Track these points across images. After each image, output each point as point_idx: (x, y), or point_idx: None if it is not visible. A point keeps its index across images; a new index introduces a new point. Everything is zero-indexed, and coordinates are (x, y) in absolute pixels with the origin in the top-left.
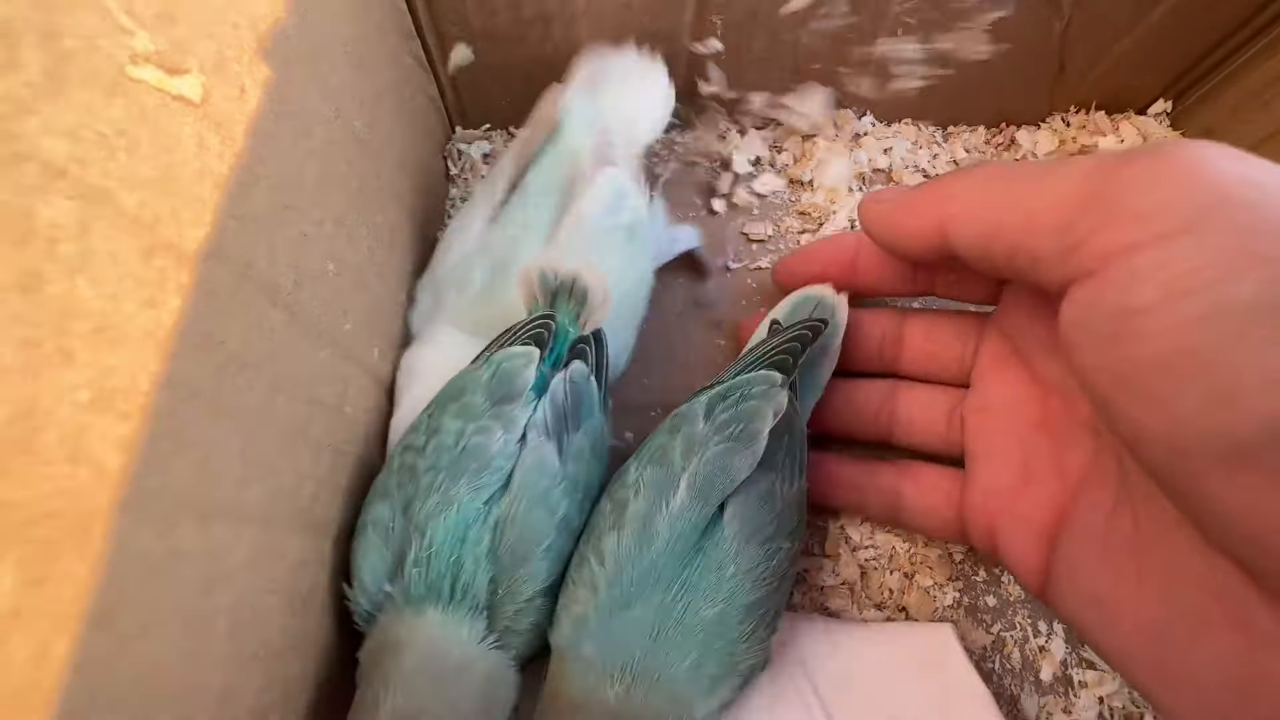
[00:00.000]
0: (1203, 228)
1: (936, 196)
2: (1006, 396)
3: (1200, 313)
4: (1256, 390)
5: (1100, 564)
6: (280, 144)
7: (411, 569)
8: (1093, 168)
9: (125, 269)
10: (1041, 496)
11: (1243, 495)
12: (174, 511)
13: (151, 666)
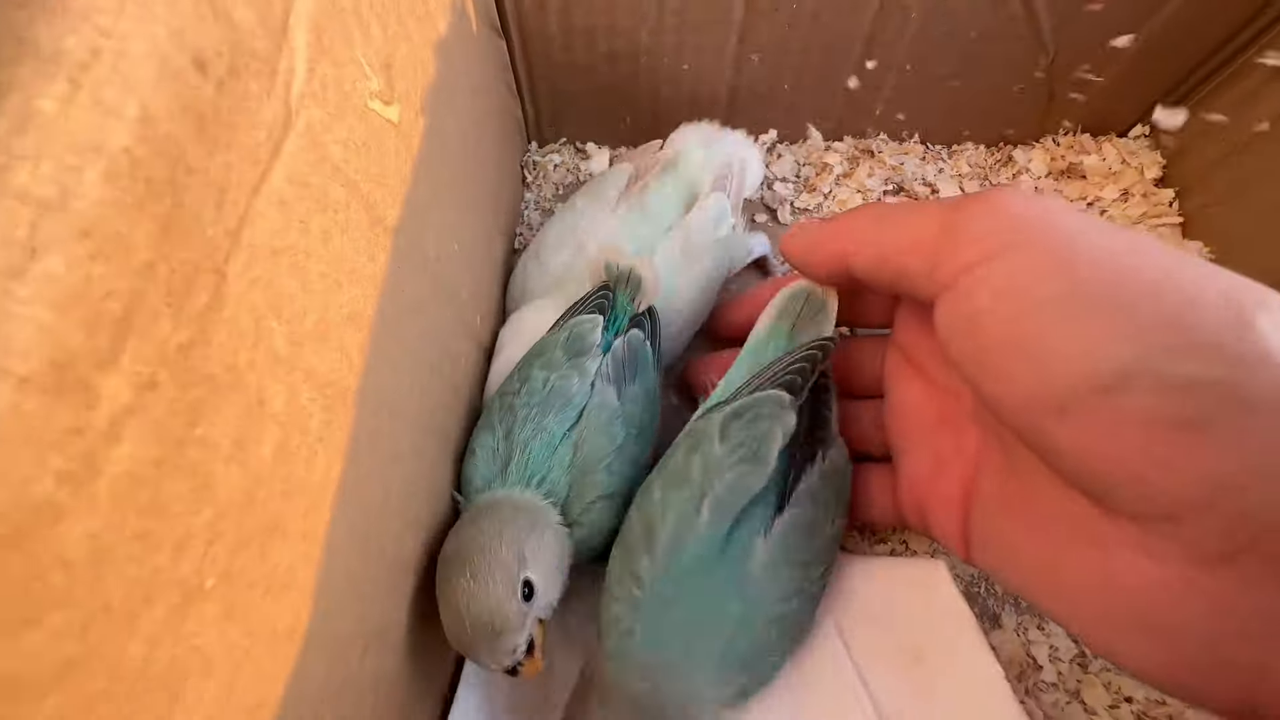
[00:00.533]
0: (1014, 249)
1: (838, 233)
2: (910, 400)
3: (1018, 309)
4: (1062, 360)
5: (1002, 521)
6: (432, 153)
7: (512, 472)
8: (943, 209)
9: (361, 233)
10: (951, 477)
11: (1070, 437)
12: (377, 401)
13: (373, 500)
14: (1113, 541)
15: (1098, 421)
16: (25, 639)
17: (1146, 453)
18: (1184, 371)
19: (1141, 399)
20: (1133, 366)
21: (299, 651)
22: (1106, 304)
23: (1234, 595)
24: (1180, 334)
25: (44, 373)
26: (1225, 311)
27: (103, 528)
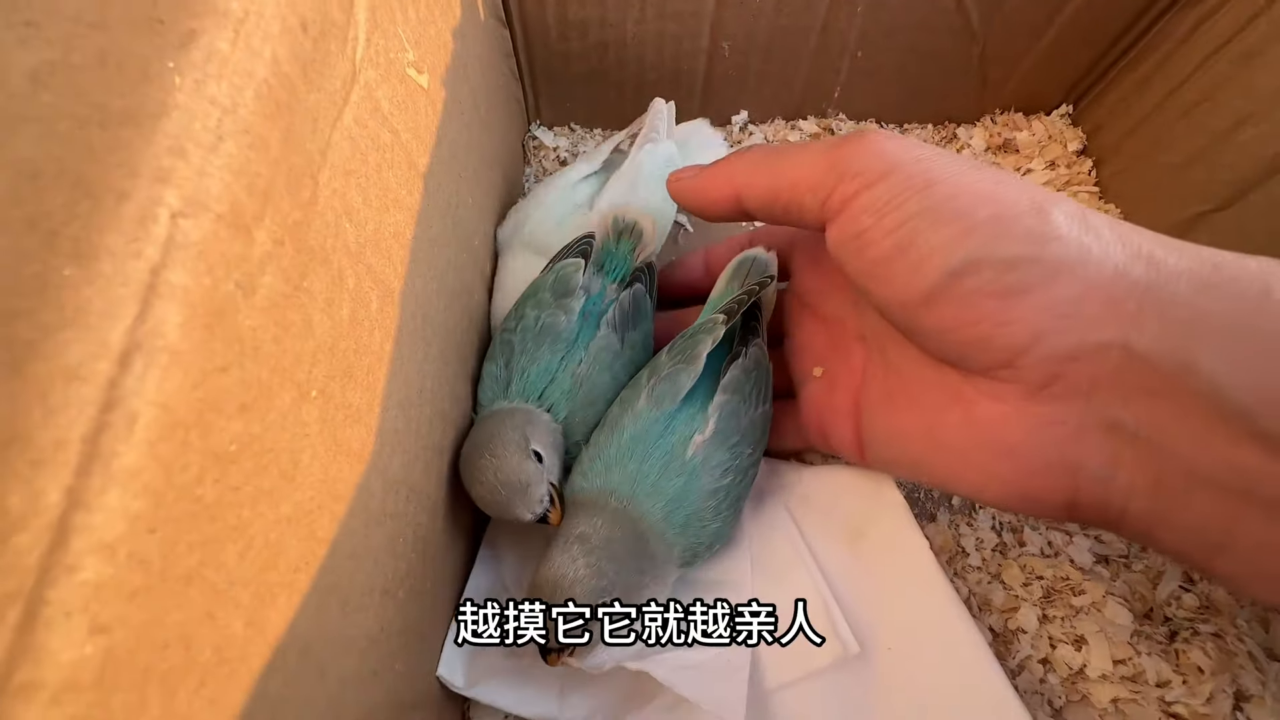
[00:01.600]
0: (886, 178)
1: (730, 172)
2: (805, 336)
3: (892, 224)
4: (926, 258)
5: (886, 414)
6: (451, 117)
7: (513, 393)
8: (825, 150)
9: (401, 172)
10: (843, 391)
11: (937, 318)
12: (414, 305)
13: (412, 384)
14: (970, 395)
15: (954, 301)
16: (220, 380)
17: (988, 317)
18: (1007, 253)
19: (981, 277)
20: (974, 254)
21: (364, 470)
22: (954, 213)
23: (1051, 412)
24: (1003, 228)
25: (228, 215)
26: (1032, 210)
27: (257, 325)
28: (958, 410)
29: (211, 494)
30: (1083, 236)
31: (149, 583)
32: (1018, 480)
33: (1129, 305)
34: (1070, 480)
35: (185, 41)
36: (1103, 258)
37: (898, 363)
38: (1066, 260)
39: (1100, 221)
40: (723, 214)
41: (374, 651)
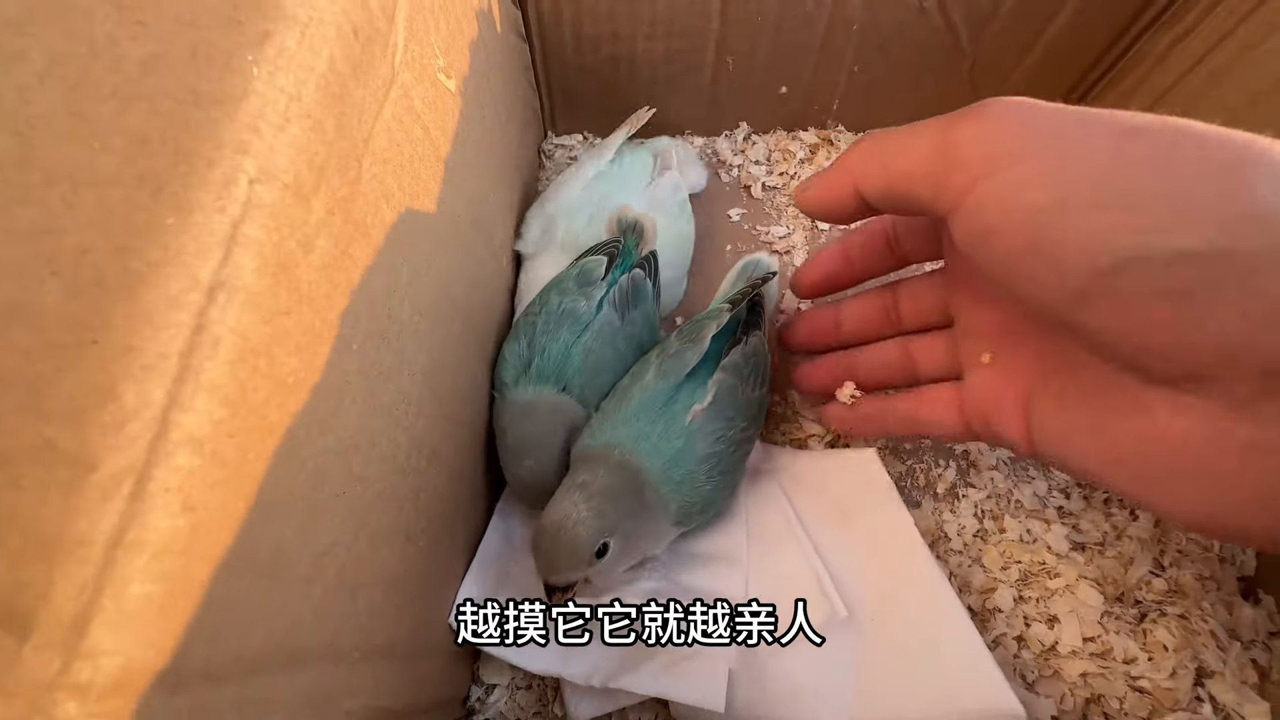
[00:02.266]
0: (1006, 166)
1: (843, 170)
2: (975, 321)
3: (1021, 219)
4: (1068, 256)
5: (1059, 412)
6: (475, 120)
7: (535, 370)
8: (933, 131)
9: (431, 164)
10: (1015, 381)
11: (1095, 320)
12: (440, 282)
13: (434, 352)
14: (1152, 404)
15: (1111, 304)
16: (283, 322)
17: (1162, 324)
18: (1174, 246)
19: (1144, 276)
20: (1127, 251)
21: (393, 425)
22: (1109, 195)
23: (1259, 436)
24: (1171, 211)
25: (293, 184)
26: (1221, 180)
27: (313, 280)
28: (1138, 420)
29: (275, 415)
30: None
31: (226, 477)
32: (1208, 511)
33: None
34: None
35: (261, 40)
36: None
37: (1072, 358)
38: (1271, 249)
39: None
40: (852, 214)
41: (397, 589)
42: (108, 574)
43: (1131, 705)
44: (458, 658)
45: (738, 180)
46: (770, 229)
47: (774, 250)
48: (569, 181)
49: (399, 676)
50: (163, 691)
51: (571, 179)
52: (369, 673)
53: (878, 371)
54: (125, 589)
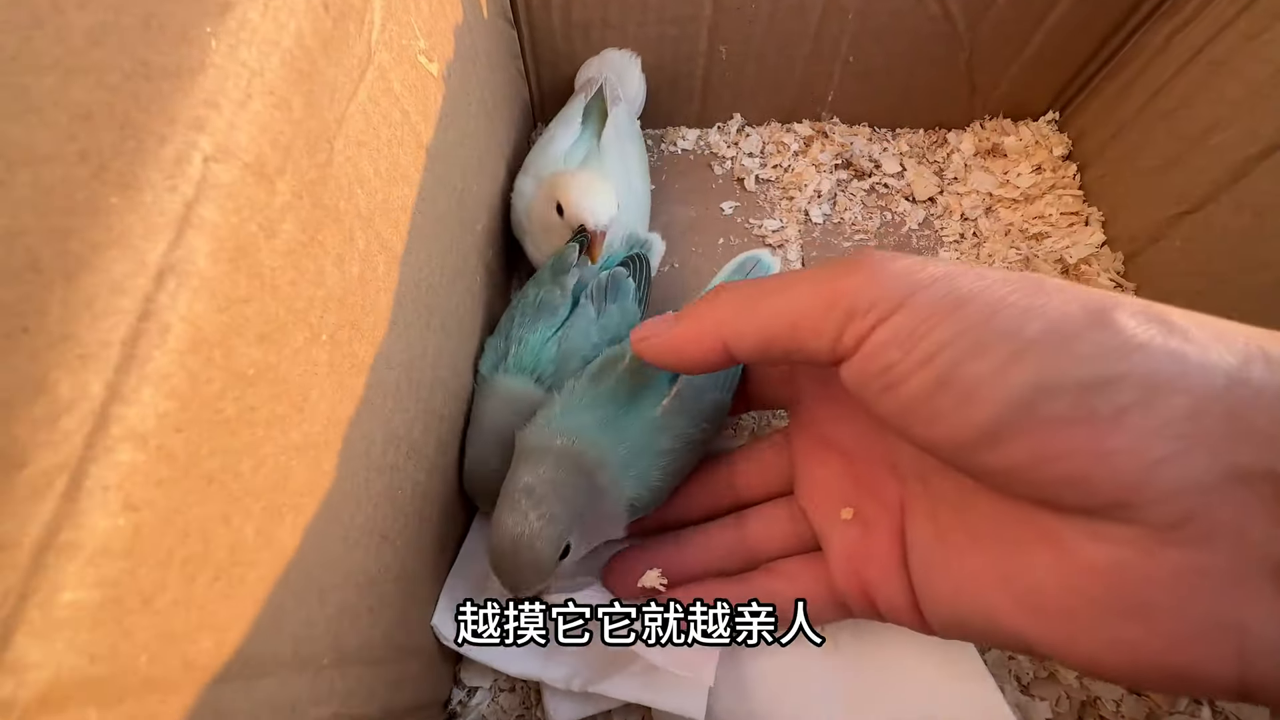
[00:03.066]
0: (906, 305)
1: (713, 320)
2: (824, 474)
3: (926, 354)
4: (979, 389)
5: (943, 557)
6: (458, 106)
7: (511, 361)
8: (820, 281)
9: (410, 150)
10: (882, 535)
11: (1008, 459)
12: (418, 275)
13: (414, 348)
14: (1066, 537)
15: (1029, 435)
16: (242, 309)
17: (1080, 449)
18: (1083, 374)
19: (1059, 404)
20: (1042, 379)
21: (368, 419)
22: (998, 334)
23: (1192, 559)
24: (1066, 344)
25: (253, 163)
26: (1090, 319)
27: (276, 266)
28: (1049, 554)
29: (231, 409)
30: (1168, 341)
31: (174, 475)
32: (1157, 651)
33: (1260, 420)
34: (1233, 649)
35: (221, 10)
36: (1205, 363)
37: (947, 493)
38: (1161, 371)
39: (1181, 319)
40: (710, 367)
41: (372, 590)
42: (35, 580)
43: (1129, 709)
44: (438, 660)
45: (731, 173)
46: (764, 222)
47: (767, 243)
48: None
49: (374, 681)
50: (98, 705)
51: (546, 151)
52: (339, 679)
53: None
54: (55, 595)
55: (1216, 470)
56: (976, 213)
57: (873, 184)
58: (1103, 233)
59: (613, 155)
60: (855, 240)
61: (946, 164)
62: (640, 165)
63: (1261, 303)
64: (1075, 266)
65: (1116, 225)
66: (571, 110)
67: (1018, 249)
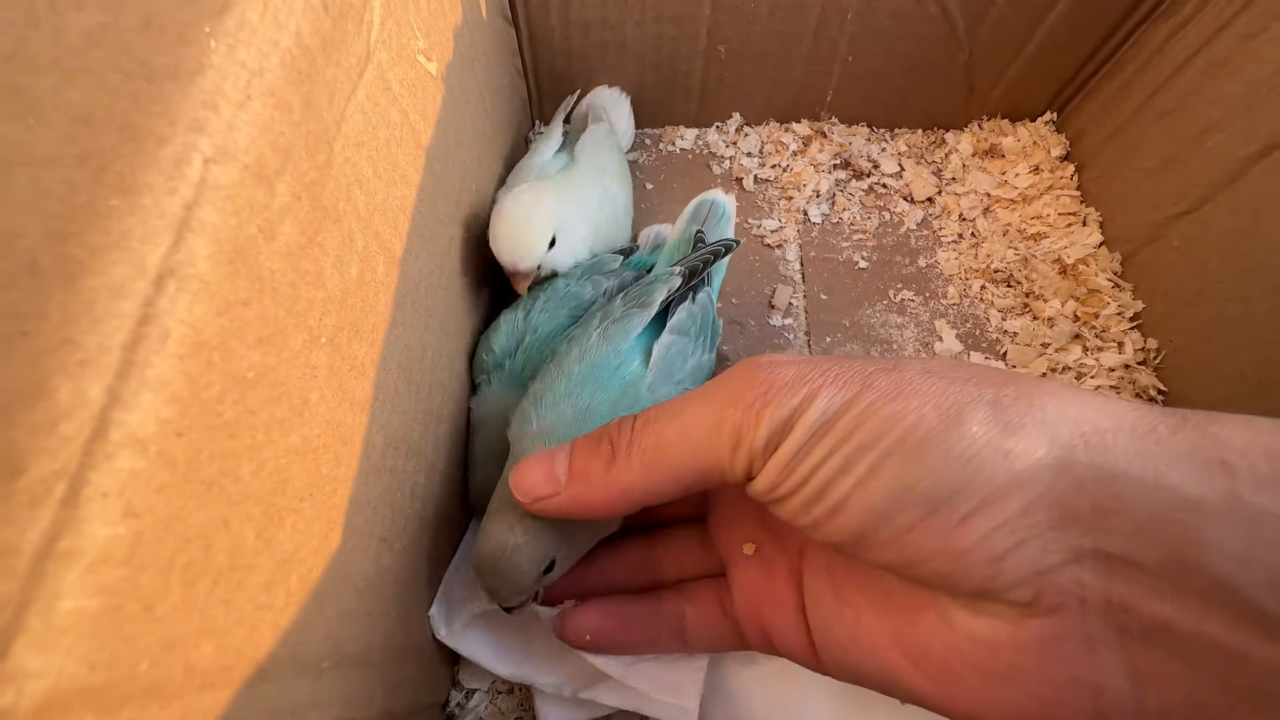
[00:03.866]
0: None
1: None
2: (731, 510)
3: (803, 475)
4: (845, 502)
5: (837, 611)
6: (458, 106)
7: (520, 356)
8: (713, 422)
9: (409, 150)
10: (781, 576)
11: (881, 558)
12: (417, 276)
13: (414, 349)
14: (948, 607)
15: (893, 542)
16: (242, 312)
17: (937, 553)
18: (931, 486)
19: (912, 514)
20: (894, 492)
21: (367, 421)
22: (860, 448)
23: (1050, 626)
24: (917, 456)
25: (253, 165)
26: (942, 425)
27: (276, 268)
28: (934, 621)
29: (231, 413)
30: (1004, 441)
31: (175, 480)
32: (1029, 711)
33: (1082, 505)
34: (1094, 706)
35: (220, 10)
36: (1032, 463)
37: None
38: (996, 477)
39: (1023, 410)
40: (612, 515)
41: (370, 594)
42: (35, 588)
43: None
44: (437, 662)
45: (729, 172)
46: (762, 222)
47: (766, 243)
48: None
49: (373, 684)
50: (98, 713)
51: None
52: (339, 682)
53: (623, 562)
54: (55, 604)
55: (1051, 555)
56: (975, 213)
57: (871, 184)
58: (1100, 233)
59: (586, 166)
60: (854, 240)
61: (945, 164)
62: (619, 175)
63: (1258, 304)
64: (1073, 267)
65: (1114, 225)
66: (551, 127)
67: (1016, 249)
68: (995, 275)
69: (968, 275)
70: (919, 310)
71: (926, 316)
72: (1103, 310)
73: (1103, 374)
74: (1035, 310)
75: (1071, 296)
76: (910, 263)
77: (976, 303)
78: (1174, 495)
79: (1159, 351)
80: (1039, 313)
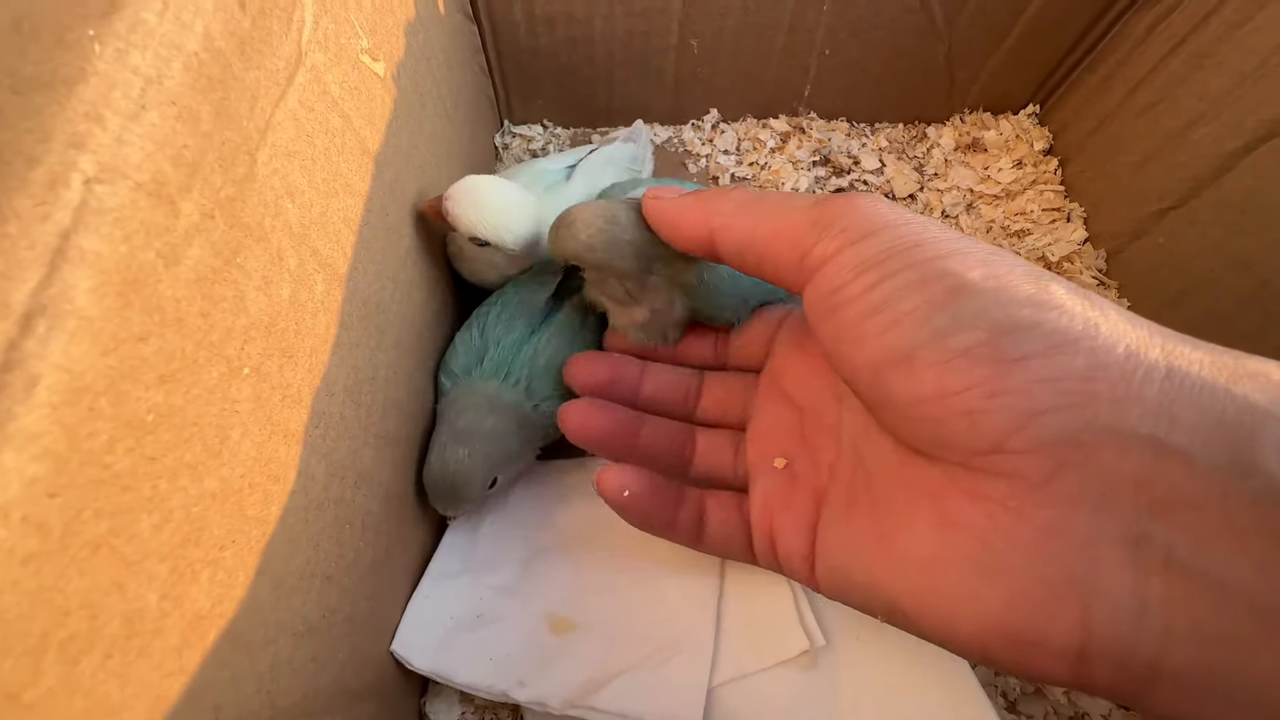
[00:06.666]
0: (870, 236)
1: (708, 208)
2: (771, 421)
3: (872, 281)
4: (908, 314)
5: (844, 520)
6: (411, 108)
7: (487, 363)
8: (810, 206)
9: (353, 158)
10: (805, 490)
11: (912, 386)
12: (366, 292)
13: (363, 370)
14: (947, 494)
15: (937, 363)
16: (137, 349)
17: (977, 384)
18: (1002, 316)
19: (971, 337)
20: (964, 313)
21: (304, 453)
22: (941, 272)
23: (1055, 517)
24: (998, 290)
25: (149, 184)
26: (1029, 278)
27: (181, 296)
28: (928, 510)
29: (124, 463)
30: (1088, 310)
31: (48, 548)
32: (1004, 610)
33: (1150, 390)
34: (1080, 611)
35: (108, 11)
36: (1113, 335)
37: (870, 459)
38: (1071, 331)
39: (1105, 302)
40: (692, 248)
41: (313, 638)
42: None
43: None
44: (399, 696)
45: (706, 170)
46: None
47: None
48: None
49: None
50: None
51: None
52: None
53: (659, 441)
54: None
55: (1096, 430)
56: (958, 209)
57: (851, 181)
58: (1085, 229)
59: (584, 179)
60: None
61: (926, 159)
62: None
63: (1245, 302)
64: (1057, 264)
65: (1099, 221)
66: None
67: (999, 246)
68: None
69: None
70: None
71: None
72: None
73: None
74: None
75: None
76: None
77: None
78: (1241, 401)
79: None
80: None
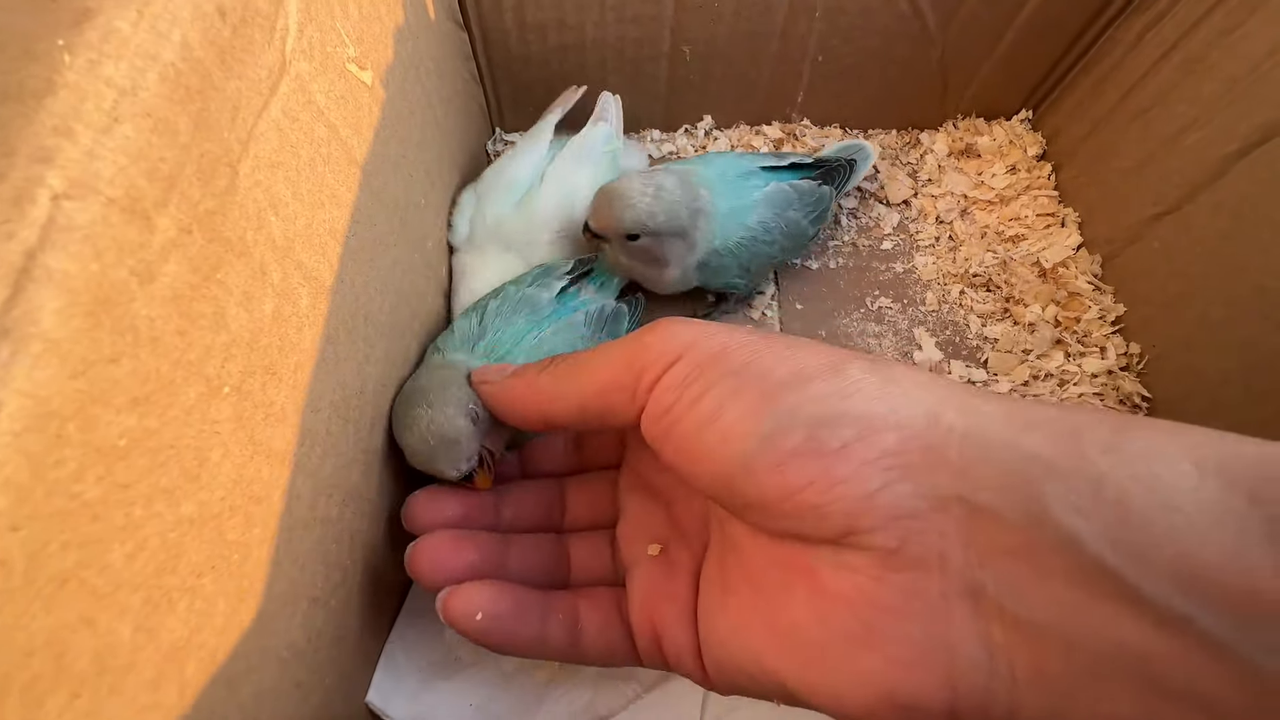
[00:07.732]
0: (685, 357)
1: (532, 389)
2: (640, 512)
3: (696, 394)
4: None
5: (721, 604)
6: (400, 116)
7: (482, 346)
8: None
9: (340, 167)
10: (682, 577)
11: (757, 488)
12: (354, 304)
13: (350, 385)
14: (818, 568)
15: (774, 467)
16: (108, 371)
17: (815, 480)
18: (815, 411)
19: (795, 438)
20: (782, 416)
21: (289, 473)
22: (754, 376)
23: (910, 580)
24: (804, 386)
25: (122, 199)
26: (828, 367)
27: (156, 315)
28: (803, 586)
29: (94, 491)
30: (886, 387)
31: (9, 585)
32: (883, 675)
33: (951, 454)
34: (946, 672)
35: (79, 20)
36: (912, 405)
37: (742, 541)
38: (875, 411)
39: (899, 371)
40: (533, 428)
41: (298, 663)
42: None
43: None
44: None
45: None
46: None
47: None
48: (505, 168)
49: None
50: None
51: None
52: None
53: (531, 560)
54: None
55: (919, 497)
56: (952, 215)
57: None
58: (1079, 234)
59: (565, 170)
60: (829, 246)
61: (920, 165)
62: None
63: (1242, 307)
64: (1053, 270)
65: (1093, 227)
66: (540, 128)
67: (994, 252)
68: (974, 280)
69: (946, 280)
70: (897, 318)
71: (905, 324)
72: (1084, 314)
73: (1085, 381)
74: (1015, 315)
75: (1052, 300)
76: (887, 268)
77: (956, 308)
78: (1028, 453)
79: (1142, 356)
80: (1019, 318)
